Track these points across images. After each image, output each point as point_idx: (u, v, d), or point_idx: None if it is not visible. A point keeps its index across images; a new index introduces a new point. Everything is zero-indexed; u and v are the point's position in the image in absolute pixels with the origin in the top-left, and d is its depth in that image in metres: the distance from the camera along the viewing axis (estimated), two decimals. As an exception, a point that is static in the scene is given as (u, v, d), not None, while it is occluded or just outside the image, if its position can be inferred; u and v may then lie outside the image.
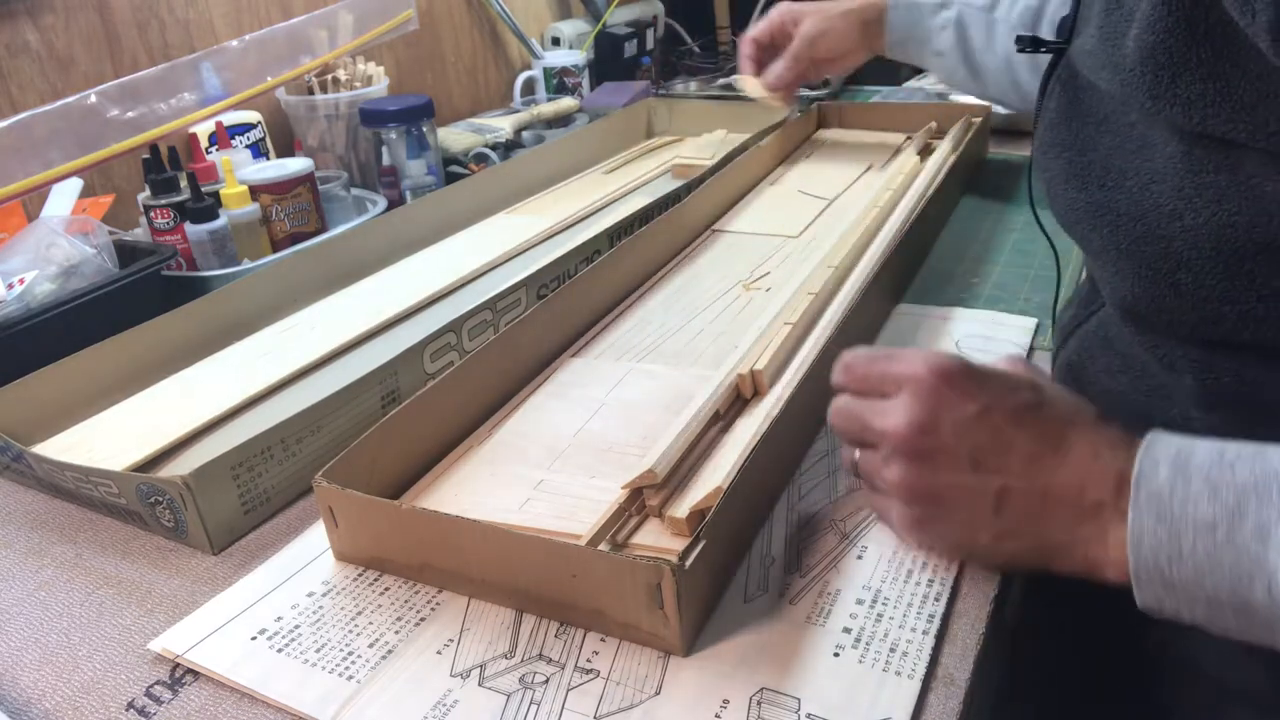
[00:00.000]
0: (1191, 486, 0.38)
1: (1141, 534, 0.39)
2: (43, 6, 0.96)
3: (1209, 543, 0.37)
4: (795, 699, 0.41)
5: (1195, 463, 0.39)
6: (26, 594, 0.53)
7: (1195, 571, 0.37)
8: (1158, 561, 0.38)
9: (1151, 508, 0.38)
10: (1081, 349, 0.58)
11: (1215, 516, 0.37)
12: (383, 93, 1.17)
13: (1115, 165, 0.48)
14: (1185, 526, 0.38)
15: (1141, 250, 0.46)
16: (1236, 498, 0.37)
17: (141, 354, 0.70)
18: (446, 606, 0.48)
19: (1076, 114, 0.52)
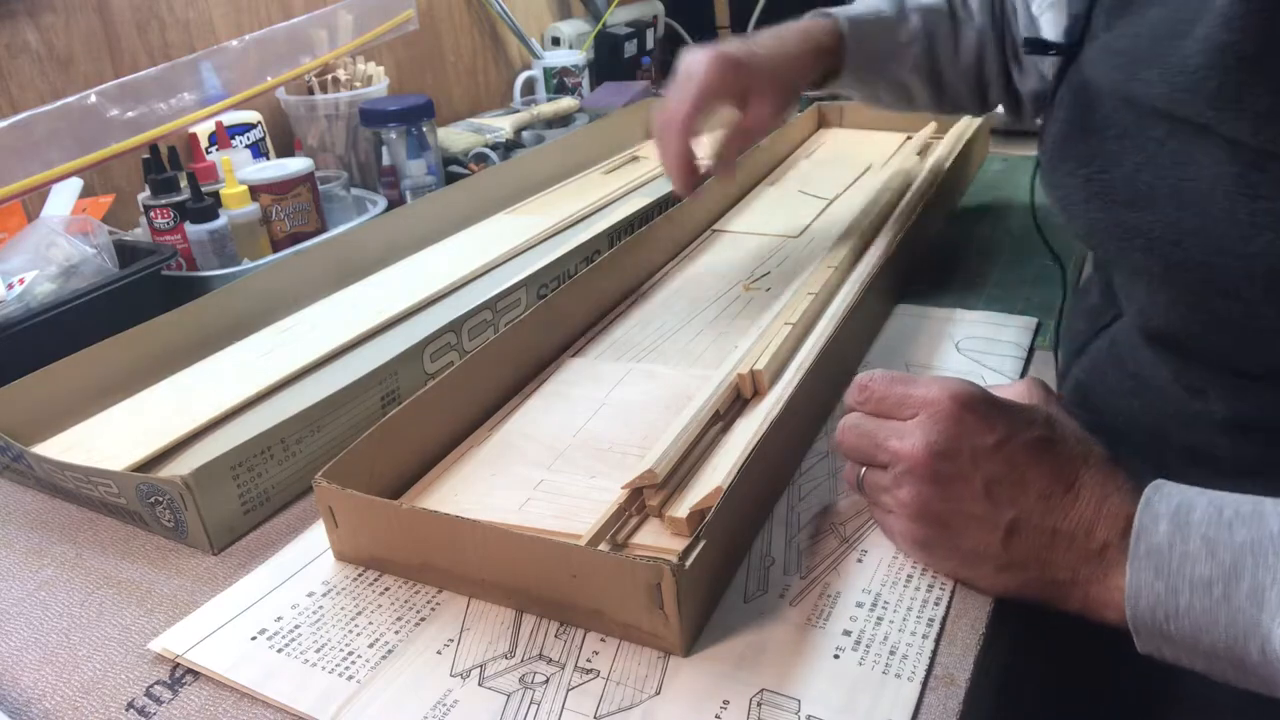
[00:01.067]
0: (1190, 544, 0.38)
1: (1139, 588, 0.39)
2: (43, 6, 0.96)
3: (1205, 601, 0.37)
4: (795, 700, 0.41)
5: (1194, 520, 0.39)
6: (26, 594, 0.53)
7: (1192, 628, 0.38)
8: (1155, 616, 0.39)
9: (1150, 563, 0.39)
10: (1092, 367, 0.56)
11: (1212, 575, 0.37)
12: (383, 93, 1.17)
13: (1143, 183, 0.45)
14: (1182, 583, 0.38)
15: (1180, 276, 0.44)
16: (1233, 558, 0.37)
17: (141, 354, 0.70)
18: (446, 606, 0.48)
19: (1091, 126, 0.49)
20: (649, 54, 1.62)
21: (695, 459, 0.55)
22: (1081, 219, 0.50)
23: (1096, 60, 0.48)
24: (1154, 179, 0.44)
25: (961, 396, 0.44)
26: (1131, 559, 0.39)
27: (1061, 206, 0.52)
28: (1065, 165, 0.50)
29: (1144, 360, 0.51)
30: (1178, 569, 0.38)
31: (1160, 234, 0.44)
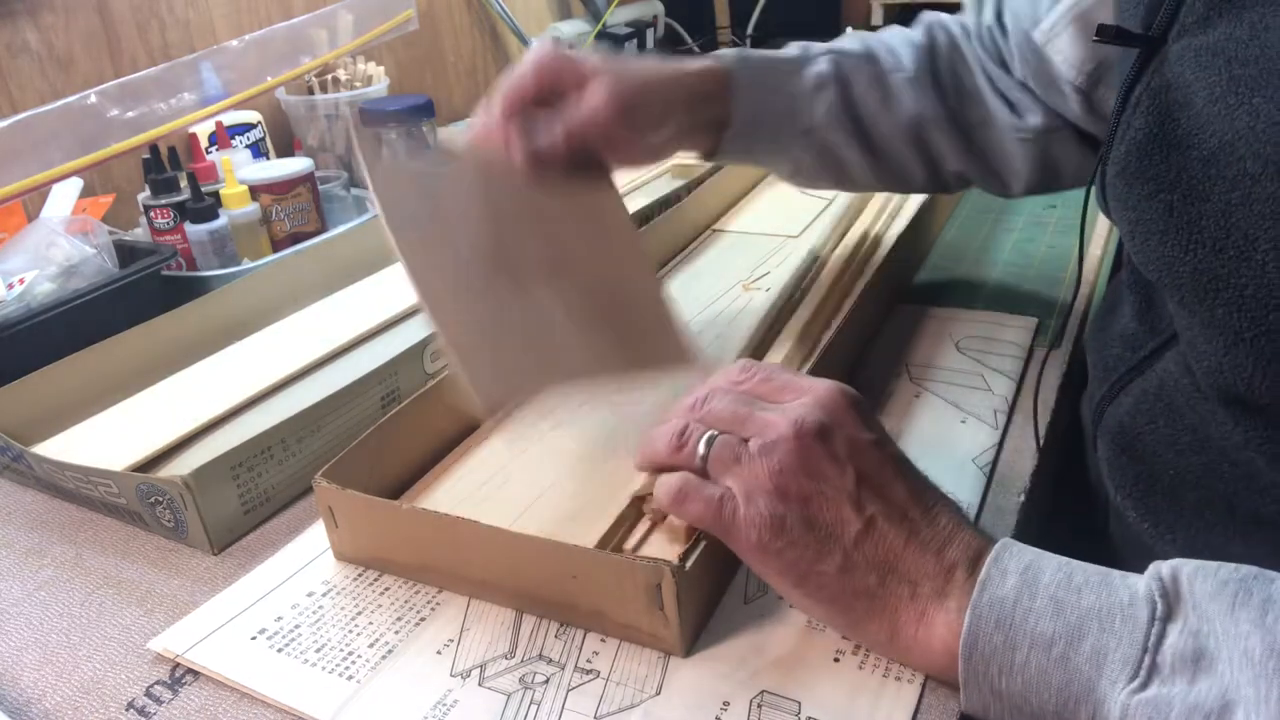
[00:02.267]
0: (1036, 601, 0.37)
1: (977, 636, 0.37)
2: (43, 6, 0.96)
3: (1044, 659, 0.36)
4: (795, 702, 0.41)
5: (1043, 581, 0.38)
6: (26, 594, 0.53)
7: (1024, 685, 0.37)
8: (988, 668, 0.37)
9: (993, 613, 0.37)
10: (1137, 410, 0.50)
11: (1054, 634, 0.36)
12: (383, 93, 1.17)
13: (1238, 227, 0.38)
14: (1022, 638, 0.37)
15: (1273, 345, 0.39)
16: (1079, 620, 0.36)
17: (141, 354, 0.70)
18: (446, 606, 0.48)
19: (1174, 139, 0.41)
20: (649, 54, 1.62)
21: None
22: (1155, 254, 0.43)
23: (1188, 61, 0.40)
24: (1250, 225, 0.38)
25: (849, 393, 0.44)
26: (973, 607, 0.38)
27: (1130, 233, 0.45)
28: (1142, 186, 0.43)
29: (1208, 416, 0.45)
30: (1020, 622, 0.37)
31: (1252, 292, 0.38)
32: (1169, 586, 0.36)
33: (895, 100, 0.64)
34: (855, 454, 0.42)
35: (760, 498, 0.41)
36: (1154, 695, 0.34)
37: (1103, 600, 0.36)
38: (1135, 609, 0.36)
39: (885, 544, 0.41)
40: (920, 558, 0.40)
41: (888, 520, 0.41)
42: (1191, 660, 0.34)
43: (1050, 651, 0.36)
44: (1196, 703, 0.33)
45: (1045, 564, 0.39)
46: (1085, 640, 0.36)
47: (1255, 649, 0.33)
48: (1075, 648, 0.36)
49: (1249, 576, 0.36)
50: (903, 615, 0.40)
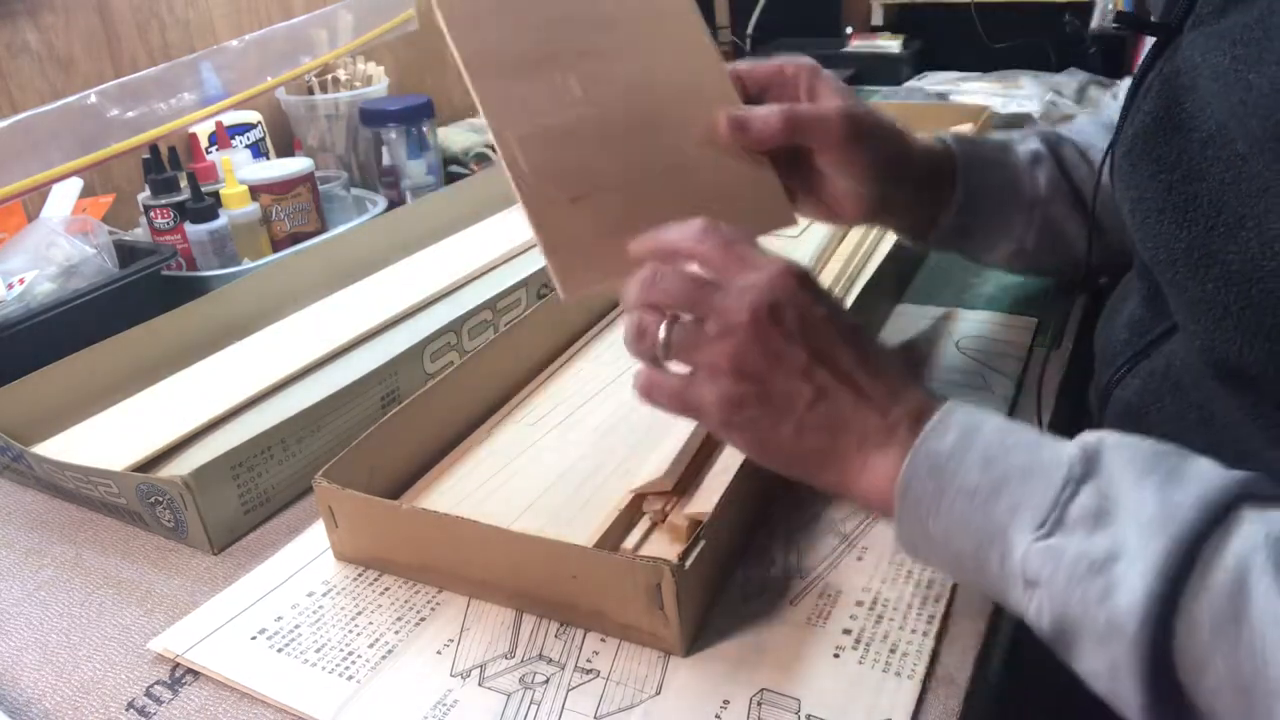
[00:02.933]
0: (969, 455, 0.40)
1: (910, 479, 0.41)
2: (43, 6, 0.96)
3: (966, 506, 0.40)
4: (795, 699, 0.41)
5: (979, 439, 0.41)
6: (26, 594, 0.53)
7: (948, 527, 0.40)
8: (919, 511, 0.41)
9: (927, 462, 0.41)
10: (1145, 390, 0.52)
11: (979, 485, 0.39)
12: (383, 93, 1.17)
13: (1229, 205, 0.41)
14: (951, 486, 0.40)
15: (1257, 317, 0.41)
16: (1004, 474, 0.39)
17: (141, 354, 0.70)
18: (446, 606, 0.48)
19: (1177, 124, 0.44)
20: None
21: (699, 461, 0.55)
22: (1152, 231, 0.46)
23: (1199, 46, 0.43)
24: (1239, 204, 0.41)
25: (799, 270, 0.45)
26: (913, 453, 0.41)
27: (1131, 212, 0.48)
28: (1146, 167, 0.46)
29: (1212, 391, 0.47)
30: (951, 473, 0.40)
31: (1238, 266, 0.41)
32: (1090, 452, 0.39)
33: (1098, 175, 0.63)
34: (806, 329, 0.43)
35: (721, 378, 0.44)
36: (1053, 543, 0.37)
37: (1030, 459, 0.39)
38: (1055, 470, 0.39)
39: (835, 408, 0.43)
40: (866, 415, 0.43)
41: (837, 387, 0.43)
42: (1093, 516, 0.37)
43: (973, 499, 0.40)
44: (1086, 550, 0.36)
45: (987, 425, 0.41)
46: (1005, 492, 0.39)
47: (1147, 510, 0.36)
48: (995, 498, 0.39)
49: (1165, 452, 0.39)
50: (851, 464, 0.43)
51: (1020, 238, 0.65)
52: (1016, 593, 0.39)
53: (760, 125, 0.54)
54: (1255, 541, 0.34)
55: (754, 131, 0.54)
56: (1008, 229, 0.65)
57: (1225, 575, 0.34)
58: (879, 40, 1.52)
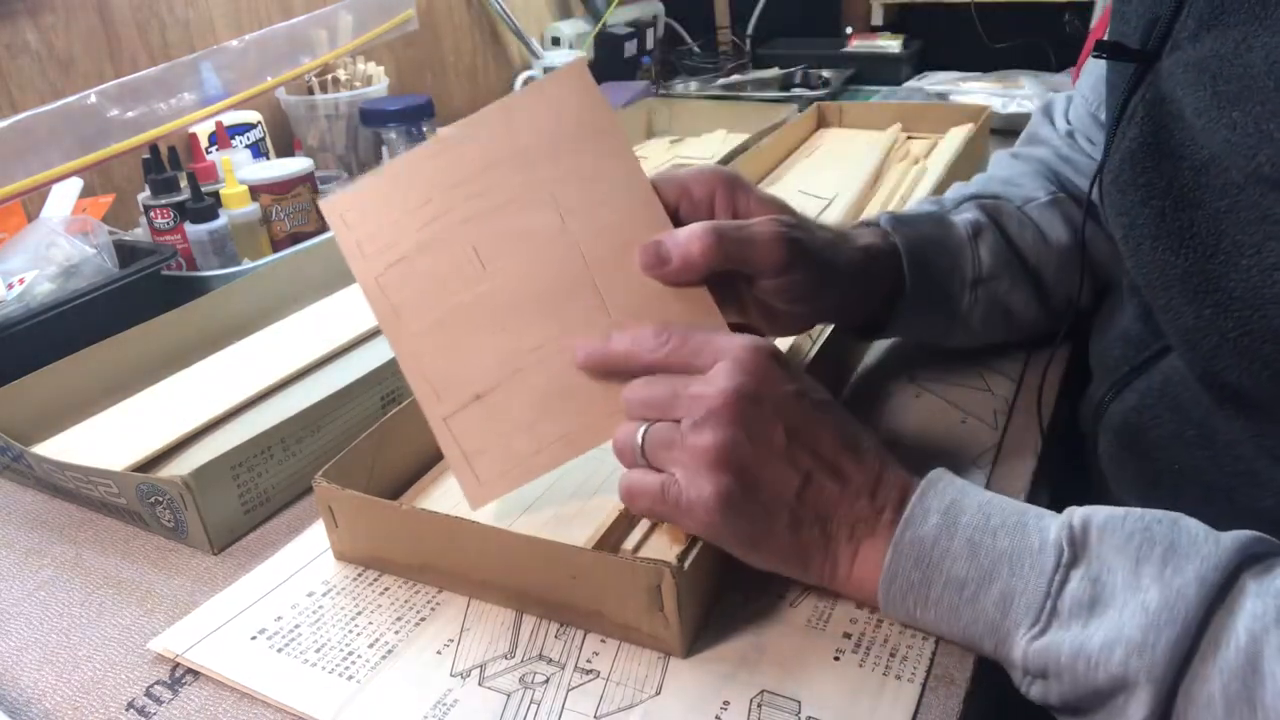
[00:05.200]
0: (954, 543, 0.40)
1: (897, 573, 0.41)
2: (43, 6, 0.96)
3: (955, 598, 0.40)
4: (795, 701, 0.41)
5: (962, 522, 0.40)
6: (26, 594, 0.53)
7: (936, 617, 0.41)
8: (905, 602, 0.41)
9: (913, 552, 0.41)
10: (1142, 407, 0.51)
11: (967, 576, 0.39)
12: (383, 93, 1.17)
13: (1227, 234, 0.40)
14: (938, 577, 0.40)
15: (1256, 345, 0.40)
16: (992, 563, 0.39)
17: (141, 354, 0.70)
18: (446, 606, 0.48)
19: (1166, 151, 0.43)
20: (649, 54, 1.62)
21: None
22: (1147, 258, 0.45)
23: (1178, 77, 0.42)
24: (1238, 232, 0.40)
25: (765, 348, 0.43)
26: (894, 544, 0.41)
27: (1124, 238, 0.47)
28: (1135, 193, 0.45)
29: (1211, 410, 0.47)
30: (937, 563, 0.40)
31: (1239, 294, 0.40)
32: (1078, 534, 0.38)
33: (1044, 230, 0.62)
34: (782, 410, 0.42)
35: (701, 477, 0.41)
36: (1048, 641, 0.37)
37: (1016, 544, 0.39)
38: (1044, 555, 0.38)
39: (824, 496, 0.42)
40: (855, 503, 0.42)
41: (823, 473, 0.42)
42: (1088, 605, 0.37)
43: (962, 592, 0.39)
44: (1083, 645, 0.36)
45: (967, 502, 0.41)
46: (995, 584, 0.39)
47: (1152, 602, 0.35)
48: (985, 590, 0.39)
49: (1155, 522, 0.38)
50: (842, 556, 0.43)
51: (965, 316, 0.61)
52: (1015, 675, 0.39)
53: (683, 254, 0.46)
54: (1266, 620, 0.34)
55: (674, 263, 0.46)
56: (955, 310, 0.60)
57: (1237, 656, 0.34)
58: (879, 40, 1.52)
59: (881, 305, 0.58)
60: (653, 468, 0.44)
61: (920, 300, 0.57)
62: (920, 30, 1.57)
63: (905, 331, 0.62)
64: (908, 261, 0.57)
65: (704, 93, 1.47)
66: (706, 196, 0.50)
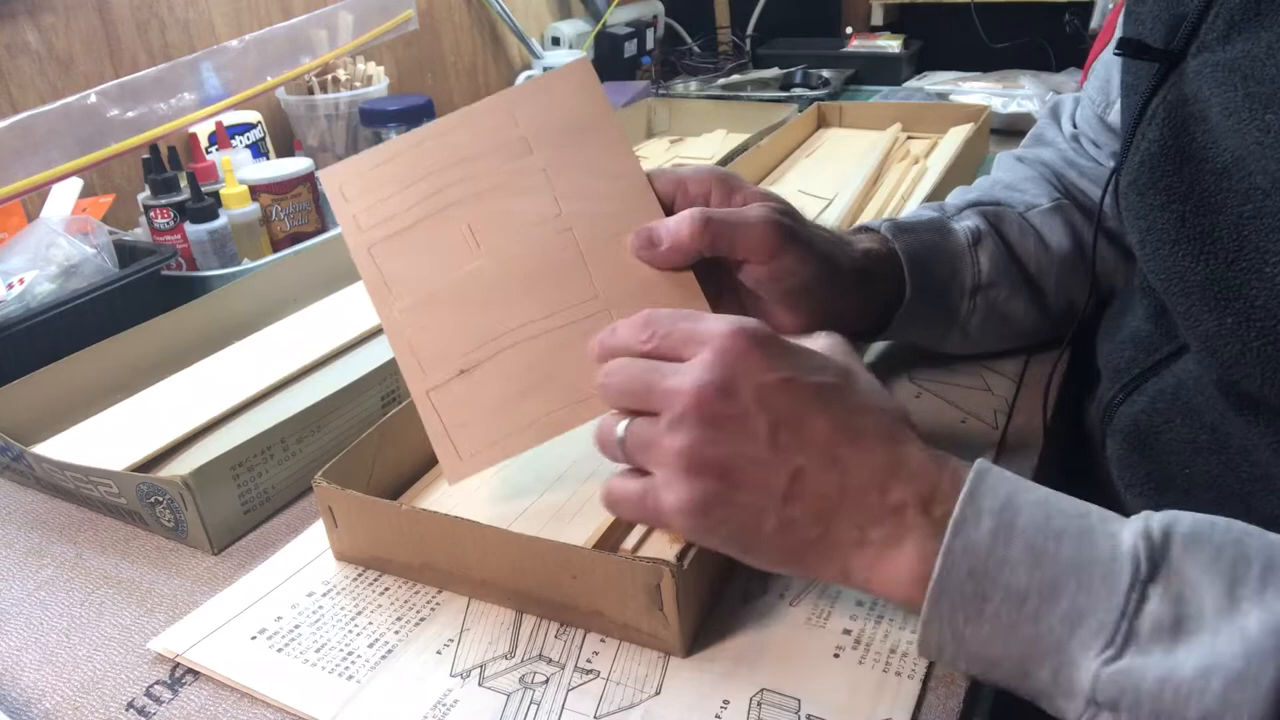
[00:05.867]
0: (1012, 549, 0.35)
1: (946, 585, 0.36)
2: (43, 6, 0.96)
3: (1015, 614, 0.35)
4: (795, 699, 0.41)
5: (1020, 524, 0.36)
6: (26, 594, 0.53)
7: (990, 635, 0.36)
8: (954, 616, 0.36)
9: (966, 561, 0.36)
10: (1154, 410, 0.50)
11: (1029, 588, 0.35)
12: (383, 93, 1.17)
13: (1249, 240, 0.39)
14: (995, 590, 0.35)
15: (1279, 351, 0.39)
16: (1057, 574, 0.35)
17: (141, 354, 0.70)
18: (446, 606, 0.48)
19: (1187, 154, 0.42)
20: (649, 54, 1.62)
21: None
22: (1166, 263, 0.43)
23: (1206, 76, 0.41)
24: (1262, 239, 0.38)
25: (750, 331, 0.40)
26: (945, 552, 0.36)
27: (1141, 242, 0.45)
28: (1154, 197, 0.43)
29: (1225, 415, 0.45)
30: (994, 573, 0.35)
31: (1262, 302, 0.39)
32: (1157, 545, 0.34)
33: (1045, 236, 0.62)
34: (764, 400, 0.39)
35: (676, 482, 0.39)
36: (1127, 665, 0.33)
37: (1083, 553, 0.35)
38: (1117, 567, 0.34)
39: (819, 493, 0.38)
40: (860, 502, 0.38)
41: (816, 467, 0.38)
42: (1170, 628, 0.33)
43: (1023, 607, 0.35)
44: (1171, 672, 0.32)
45: (1022, 501, 0.36)
46: (1061, 599, 0.34)
47: (1253, 627, 0.32)
48: (1050, 605, 0.34)
49: (1246, 534, 0.34)
50: (854, 560, 0.39)
51: (964, 323, 0.60)
52: (1075, 706, 0.34)
53: (673, 234, 0.46)
54: None
55: (664, 245, 0.46)
56: (953, 317, 0.60)
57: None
58: (879, 40, 1.52)
59: (880, 310, 0.57)
60: (636, 466, 0.42)
61: (919, 307, 0.57)
62: (920, 30, 1.57)
63: (901, 336, 0.62)
64: (908, 268, 0.56)
65: (704, 93, 1.47)
66: (702, 193, 0.50)
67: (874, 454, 0.39)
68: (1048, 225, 0.62)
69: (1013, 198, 0.64)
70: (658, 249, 0.47)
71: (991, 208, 0.63)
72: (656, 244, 0.47)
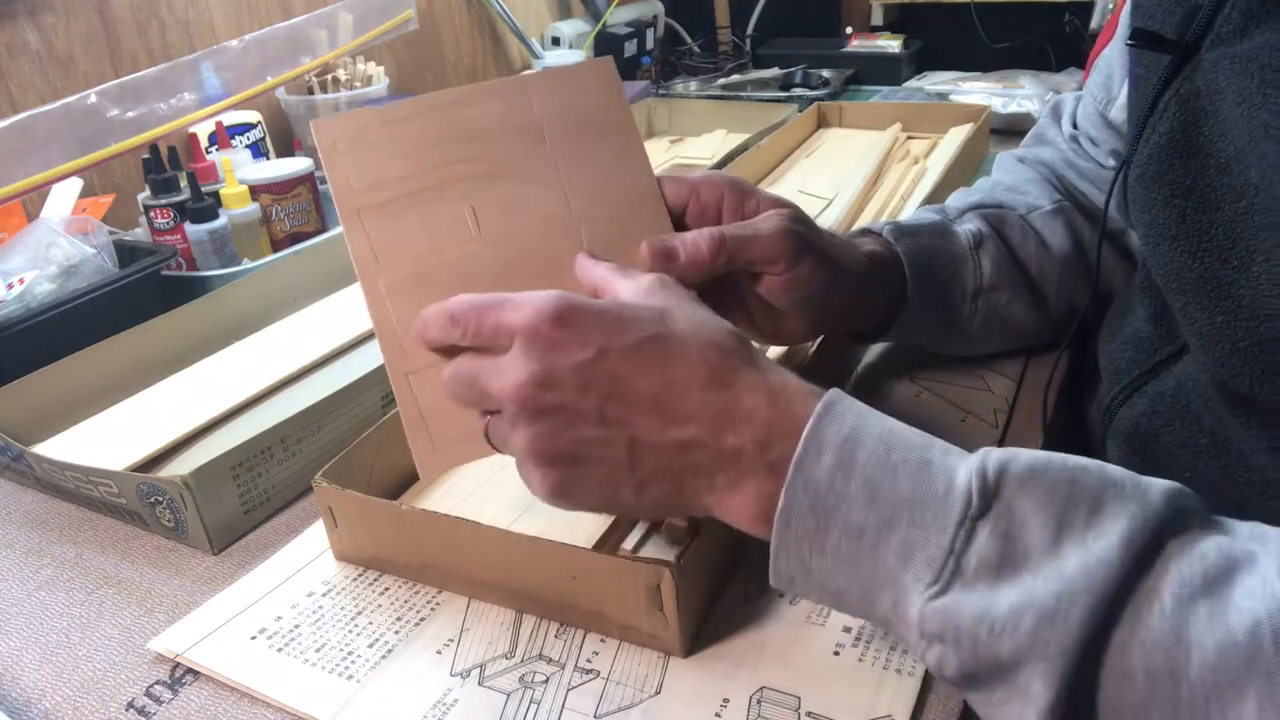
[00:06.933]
0: (851, 486, 0.36)
1: (790, 517, 0.37)
2: (43, 6, 0.96)
3: (853, 546, 0.36)
4: (795, 697, 0.41)
5: (860, 460, 0.36)
6: (26, 594, 0.53)
7: (833, 566, 0.37)
8: (800, 548, 0.37)
9: (807, 496, 0.36)
10: (1153, 413, 0.50)
11: (865, 523, 0.36)
12: (383, 93, 1.17)
13: (1241, 238, 0.39)
14: (834, 523, 0.36)
15: (1266, 355, 0.39)
16: (892, 510, 0.35)
17: (141, 354, 0.70)
18: (446, 606, 0.48)
19: (1194, 148, 0.42)
20: (649, 54, 1.62)
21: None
22: (1166, 259, 0.43)
23: (1222, 68, 0.40)
24: (1251, 237, 0.39)
25: (551, 312, 0.39)
26: (789, 487, 0.36)
27: (1145, 236, 0.46)
28: (1159, 191, 0.44)
29: (1224, 417, 0.45)
30: (833, 509, 0.36)
31: (1249, 301, 0.39)
32: (990, 482, 0.34)
33: (1047, 239, 0.62)
34: (583, 380, 0.39)
35: (532, 472, 0.40)
36: (950, 601, 0.34)
37: (919, 488, 0.35)
38: (949, 503, 0.35)
39: (657, 457, 0.39)
40: (698, 457, 0.39)
41: (648, 431, 0.39)
42: (996, 566, 0.33)
43: (861, 539, 0.36)
44: (987, 609, 0.33)
45: (867, 432, 0.37)
46: (895, 533, 0.35)
47: (1070, 566, 0.32)
48: (884, 539, 0.35)
49: (1081, 471, 0.35)
50: (710, 503, 0.39)
51: (965, 326, 0.61)
52: (911, 638, 0.35)
53: (691, 251, 0.47)
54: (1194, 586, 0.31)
55: (681, 259, 0.46)
56: (954, 320, 0.60)
57: (1161, 624, 0.31)
58: (879, 40, 1.52)
59: (883, 313, 0.57)
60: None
61: (921, 310, 0.57)
62: (920, 30, 1.57)
63: (903, 338, 0.62)
64: (910, 271, 0.56)
65: (704, 93, 1.47)
66: (714, 199, 0.50)
67: (703, 403, 0.39)
68: (1049, 228, 0.62)
69: (1014, 200, 0.64)
70: (674, 262, 0.47)
71: (994, 210, 0.63)
72: (673, 258, 0.47)
